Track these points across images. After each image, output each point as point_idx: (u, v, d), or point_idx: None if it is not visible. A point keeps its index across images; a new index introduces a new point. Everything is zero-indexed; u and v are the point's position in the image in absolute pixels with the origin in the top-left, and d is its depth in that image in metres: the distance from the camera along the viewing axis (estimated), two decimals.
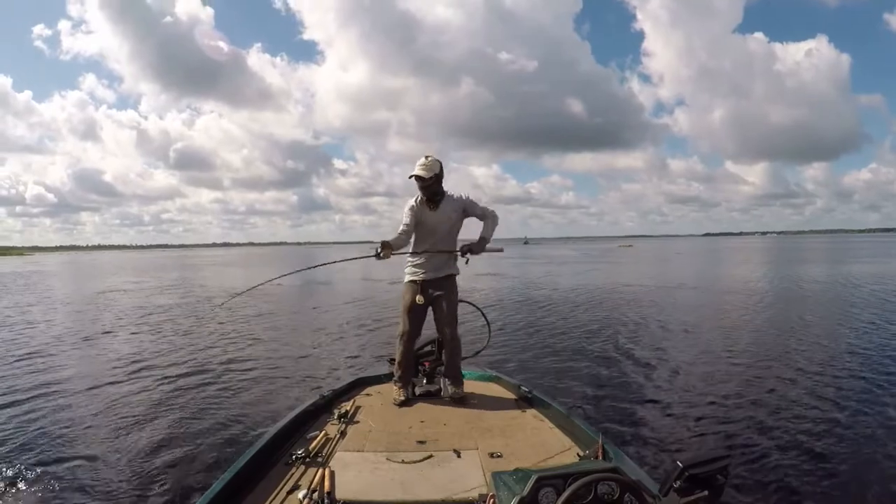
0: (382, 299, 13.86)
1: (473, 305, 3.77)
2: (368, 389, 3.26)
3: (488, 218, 3.33)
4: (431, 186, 3.14)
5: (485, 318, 3.63)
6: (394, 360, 3.43)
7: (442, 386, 3.25)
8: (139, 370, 6.60)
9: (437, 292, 3.23)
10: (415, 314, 3.23)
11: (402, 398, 3.04)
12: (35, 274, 35.56)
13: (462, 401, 3.08)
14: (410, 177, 3.14)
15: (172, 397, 5.33)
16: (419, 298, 3.18)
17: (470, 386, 3.23)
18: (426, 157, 3.15)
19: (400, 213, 3.30)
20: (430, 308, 3.28)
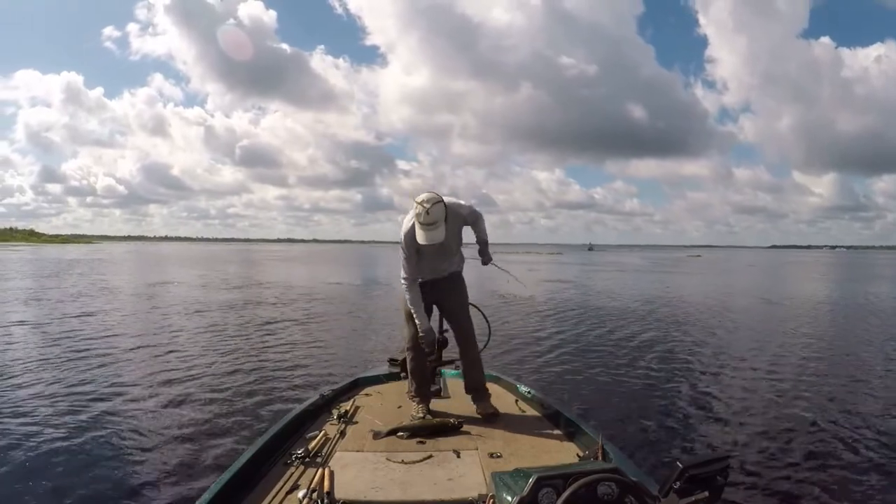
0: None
1: (472, 305, 3.64)
2: (368, 389, 3.24)
3: (479, 219, 2.94)
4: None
5: (484, 317, 3.57)
6: (394, 360, 3.45)
7: (442, 386, 3.24)
8: (147, 355, 6.89)
9: (442, 289, 2.98)
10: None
11: (422, 415, 2.76)
12: (96, 261, 37.33)
13: (492, 416, 2.78)
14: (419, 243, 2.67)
15: (175, 388, 5.36)
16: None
17: None
18: (427, 210, 2.55)
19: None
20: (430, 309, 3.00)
